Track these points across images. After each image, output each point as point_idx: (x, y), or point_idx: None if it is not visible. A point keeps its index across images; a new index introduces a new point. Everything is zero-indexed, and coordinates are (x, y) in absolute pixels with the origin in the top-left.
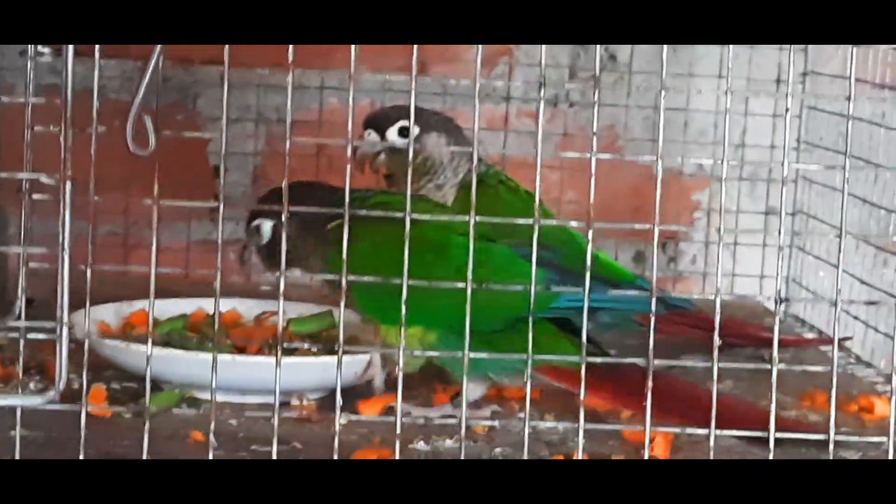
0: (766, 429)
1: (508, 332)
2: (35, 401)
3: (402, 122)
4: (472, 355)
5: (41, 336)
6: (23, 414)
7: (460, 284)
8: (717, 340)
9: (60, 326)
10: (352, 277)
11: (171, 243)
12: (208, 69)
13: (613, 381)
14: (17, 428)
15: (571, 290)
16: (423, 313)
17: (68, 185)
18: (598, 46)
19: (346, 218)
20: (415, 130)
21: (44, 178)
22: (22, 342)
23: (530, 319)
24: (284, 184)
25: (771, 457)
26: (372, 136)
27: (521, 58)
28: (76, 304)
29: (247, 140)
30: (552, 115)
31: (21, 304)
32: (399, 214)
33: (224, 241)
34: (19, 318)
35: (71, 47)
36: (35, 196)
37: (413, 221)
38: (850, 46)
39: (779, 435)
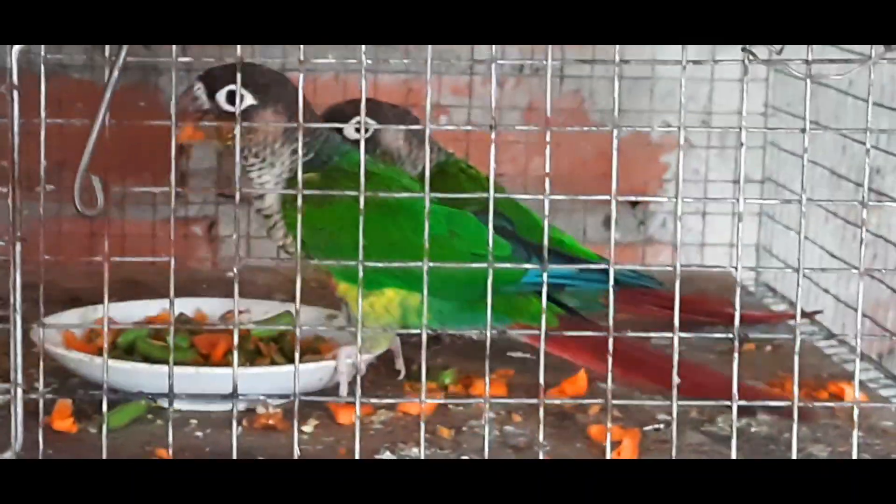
0: (731, 397)
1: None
2: None
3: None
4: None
5: None
6: None
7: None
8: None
9: (14, 388)
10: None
11: (139, 221)
12: (167, 48)
13: (587, 341)
14: None
15: (535, 267)
16: (402, 277)
17: (18, 246)
18: None
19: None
20: (371, 124)
21: None
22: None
23: (490, 296)
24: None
25: (734, 424)
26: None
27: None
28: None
29: None
30: (517, 82)
31: None
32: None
33: (191, 218)
34: None
35: (16, 108)
36: None
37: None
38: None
39: (742, 403)
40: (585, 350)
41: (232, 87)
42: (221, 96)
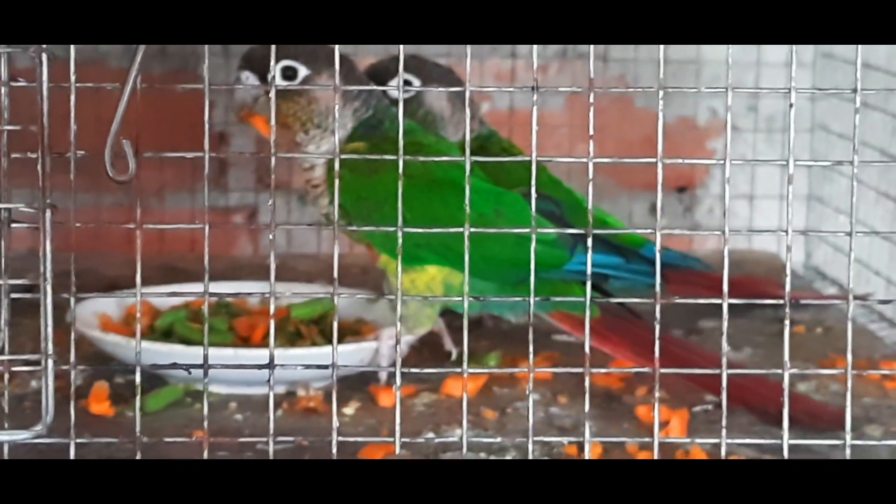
0: (779, 406)
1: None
2: (22, 436)
3: (406, 76)
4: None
5: (26, 369)
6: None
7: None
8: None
9: (45, 359)
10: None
11: (179, 211)
12: None
13: (628, 335)
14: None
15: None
16: (444, 253)
17: (48, 213)
18: None
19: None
20: (415, 83)
21: (23, 208)
22: (7, 376)
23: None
24: None
25: (785, 442)
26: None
27: None
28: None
29: None
30: (560, 66)
31: (4, 336)
32: (391, 157)
33: (230, 208)
34: (2, 351)
35: (45, 72)
36: (14, 226)
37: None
38: None
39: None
40: (626, 344)
41: (285, 62)
42: (277, 73)
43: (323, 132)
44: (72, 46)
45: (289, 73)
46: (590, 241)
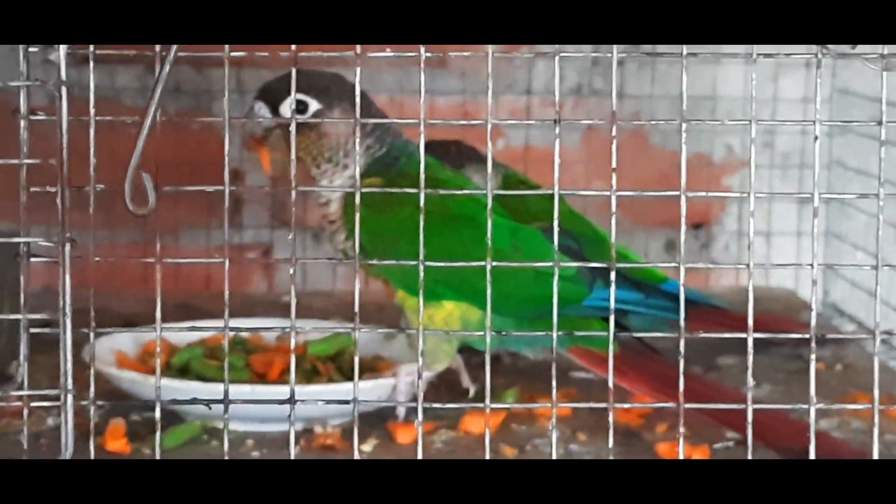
0: (802, 444)
1: (548, 316)
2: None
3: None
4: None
5: (45, 404)
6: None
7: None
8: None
9: (65, 394)
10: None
11: (193, 248)
12: (221, 73)
13: (647, 371)
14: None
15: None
16: (462, 290)
17: (67, 248)
18: None
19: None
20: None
21: (42, 242)
22: (26, 411)
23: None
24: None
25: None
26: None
27: (542, 46)
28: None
29: None
30: (575, 103)
31: (23, 371)
32: (411, 190)
33: (245, 245)
34: (21, 387)
35: (65, 105)
36: (33, 260)
37: (452, 196)
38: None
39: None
40: (645, 380)
41: (298, 96)
42: (285, 108)
43: (335, 167)
44: (91, 81)
45: (300, 108)
46: (613, 275)
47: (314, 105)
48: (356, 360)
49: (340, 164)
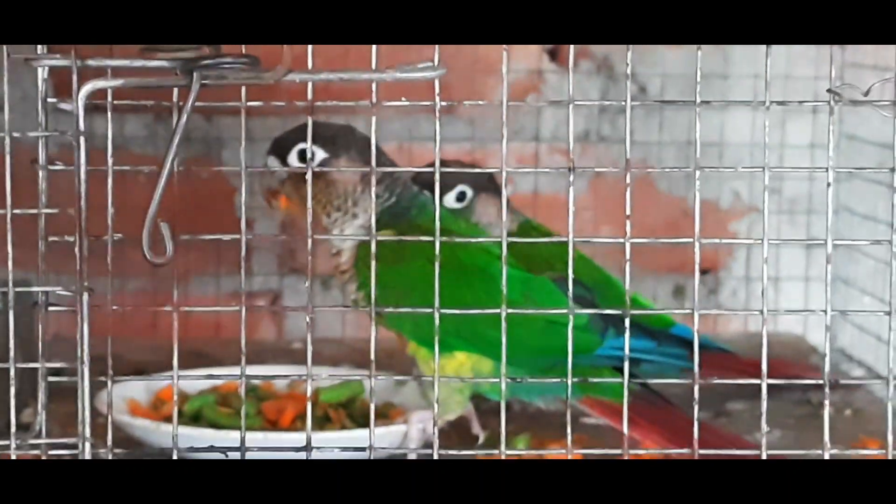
0: None
1: (559, 367)
2: None
3: (460, 188)
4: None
5: (63, 452)
6: None
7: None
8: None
9: (83, 442)
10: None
11: (203, 296)
12: (230, 121)
13: (657, 420)
14: None
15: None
16: (473, 340)
17: (85, 296)
18: (628, 81)
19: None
20: (468, 194)
21: (60, 291)
22: (44, 456)
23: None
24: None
25: None
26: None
27: (549, 93)
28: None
29: None
30: (583, 149)
31: (41, 419)
32: (427, 238)
33: (254, 292)
34: (39, 435)
35: (83, 155)
36: (52, 309)
37: (461, 245)
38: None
39: None
40: (656, 429)
41: (301, 145)
42: (293, 158)
43: (344, 216)
44: (109, 131)
45: (303, 157)
46: (627, 322)
47: (321, 154)
48: (372, 406)
49: (350, 213)
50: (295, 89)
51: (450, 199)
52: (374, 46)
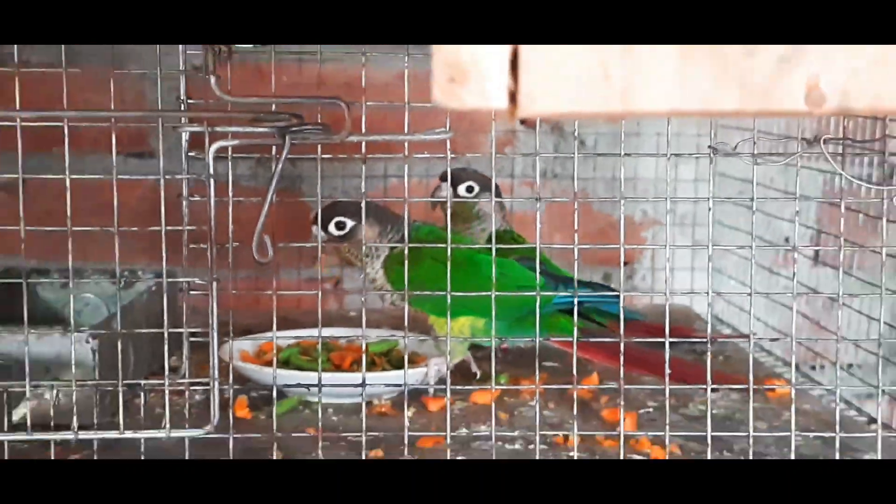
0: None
1: (530, 316)
2: (199, 432)
3: (469, 183)
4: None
5: (199, 388)
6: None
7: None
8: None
9: (213, 381)
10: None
11: (289, 281)
12: (309, 165)
13: (600, 346)
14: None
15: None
16: (471, 307)
17: (214, 284)
18: (575, 137)
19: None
20: (475, 188)
21: (197, 281)
22: (187, 393)
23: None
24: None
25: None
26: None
27: (520, 146)
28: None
29: None
30: (543, 183)
31: (186, 366)
32: (442, 245)
33: (323, 278)
34: (184, 377)
35: (213, 188)
36: (192, 293)
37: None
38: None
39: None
40: (603, 353)
41: (337, 218)
42: (331, 227)
43: (371, 259)
44: (230, 174)
45: (341, 225)
46: (576, 304)
47: (350, 222)
48: (405, 357)
49: (373, 255)
50: (353, 146)
51: (462, 189)
52: (406, 115)
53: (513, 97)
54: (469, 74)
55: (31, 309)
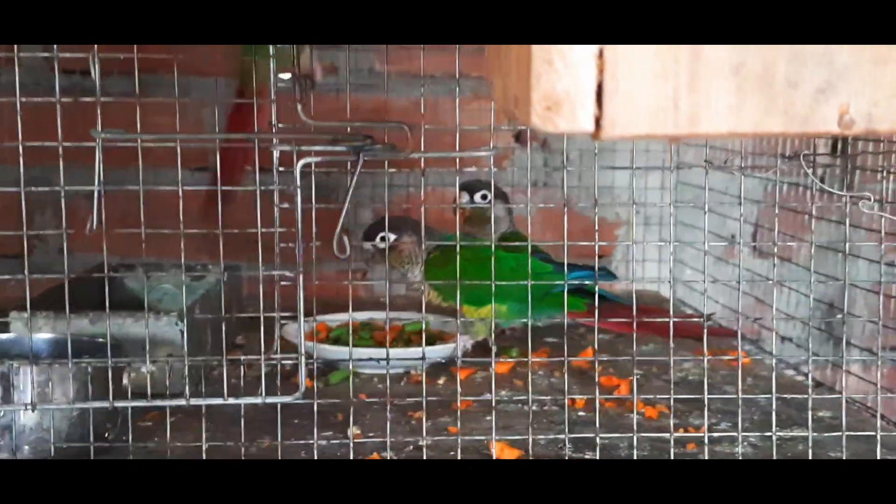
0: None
1: (546, 298)
2: (288, 398)
3: (483, 191)
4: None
5: (288, 361)
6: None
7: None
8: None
9: (301, 357)
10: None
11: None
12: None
13: (603, 313)
14: (279, 414)
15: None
16: (497, 295)
17: (301, 276)
18: (564, 152)
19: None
20: (488, 196)
21: (287, 273)
22: (279, 366)
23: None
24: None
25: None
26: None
27: (516, 161)
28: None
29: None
30: (534, 191)
31: (277, 343)
32: (485, 243)
33: (354, 270)
34: (276, 352)
35: (300, 198)
36: (282, 283)
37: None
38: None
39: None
40: (613, 323)
41: (382, 233)
42: (378, 240)
43: (412, 265)
44: (312, 186)
45: (386, 238)
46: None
47: (392, 236)
48: (423, 336)
49: (414, 262)
50: (416, 161)
51: (477, 197)
52: (458, 135)
53: (597, 122)
54: (562, 104)
55: (120, 298)
